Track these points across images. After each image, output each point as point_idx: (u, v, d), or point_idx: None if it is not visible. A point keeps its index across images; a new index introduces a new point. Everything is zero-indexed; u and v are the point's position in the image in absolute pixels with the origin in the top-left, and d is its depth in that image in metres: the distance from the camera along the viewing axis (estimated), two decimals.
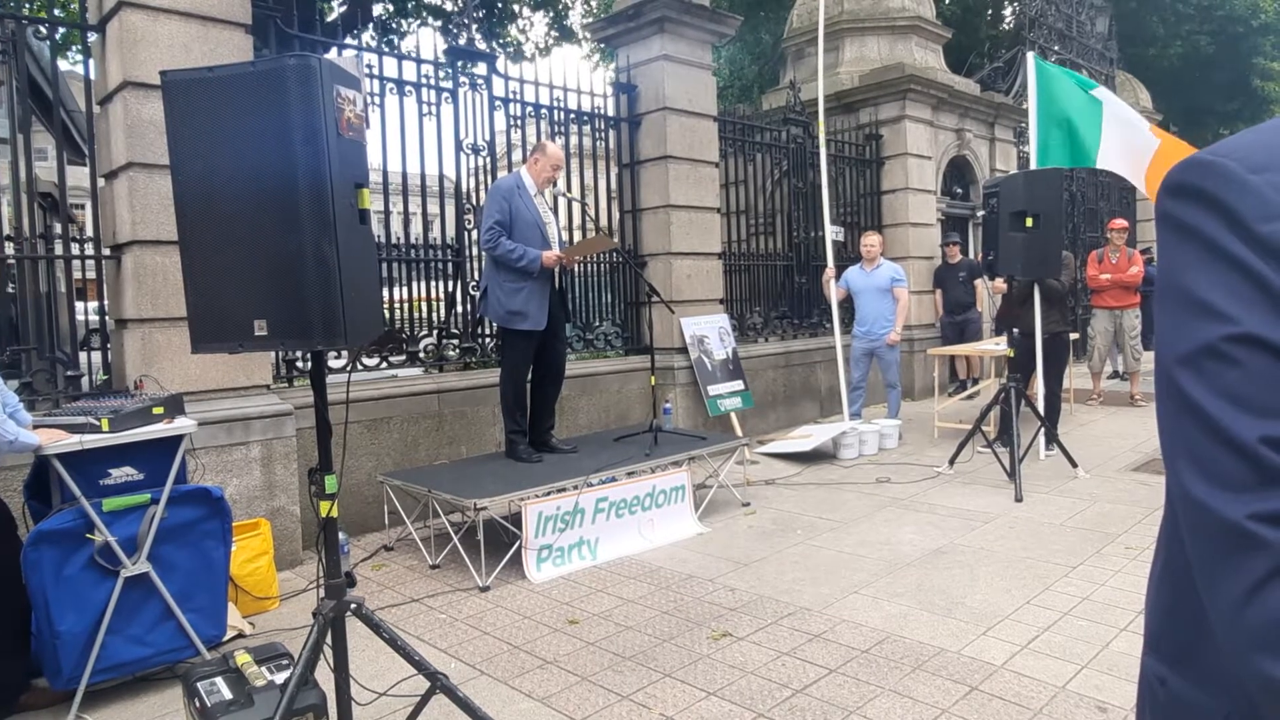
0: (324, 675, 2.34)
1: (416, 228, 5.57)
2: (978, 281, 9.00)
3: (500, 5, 12.99)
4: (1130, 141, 6.10)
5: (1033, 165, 6.19)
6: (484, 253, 4.83)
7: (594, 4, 15.46)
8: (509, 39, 13.27)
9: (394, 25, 12.80)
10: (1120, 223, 8.60)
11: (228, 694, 2.32)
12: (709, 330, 6.91)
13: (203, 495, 3.12)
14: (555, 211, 5.11)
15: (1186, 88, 18.82)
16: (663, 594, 3.84)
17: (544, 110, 6.26)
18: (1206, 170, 0.61)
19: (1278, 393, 0.56)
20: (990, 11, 19.00)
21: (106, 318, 4.35)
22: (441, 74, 5.61)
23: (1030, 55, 6.36)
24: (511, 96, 6.02)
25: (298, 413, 4.35)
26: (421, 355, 5.49)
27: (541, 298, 4.67)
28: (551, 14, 14.31)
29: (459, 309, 5.76)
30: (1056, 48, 10.81)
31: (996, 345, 7.48)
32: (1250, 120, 19.16)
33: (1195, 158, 0.63)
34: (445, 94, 5.58)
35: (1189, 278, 0.61)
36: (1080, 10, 11.96)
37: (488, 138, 5.83)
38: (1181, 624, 0.72)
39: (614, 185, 6.99)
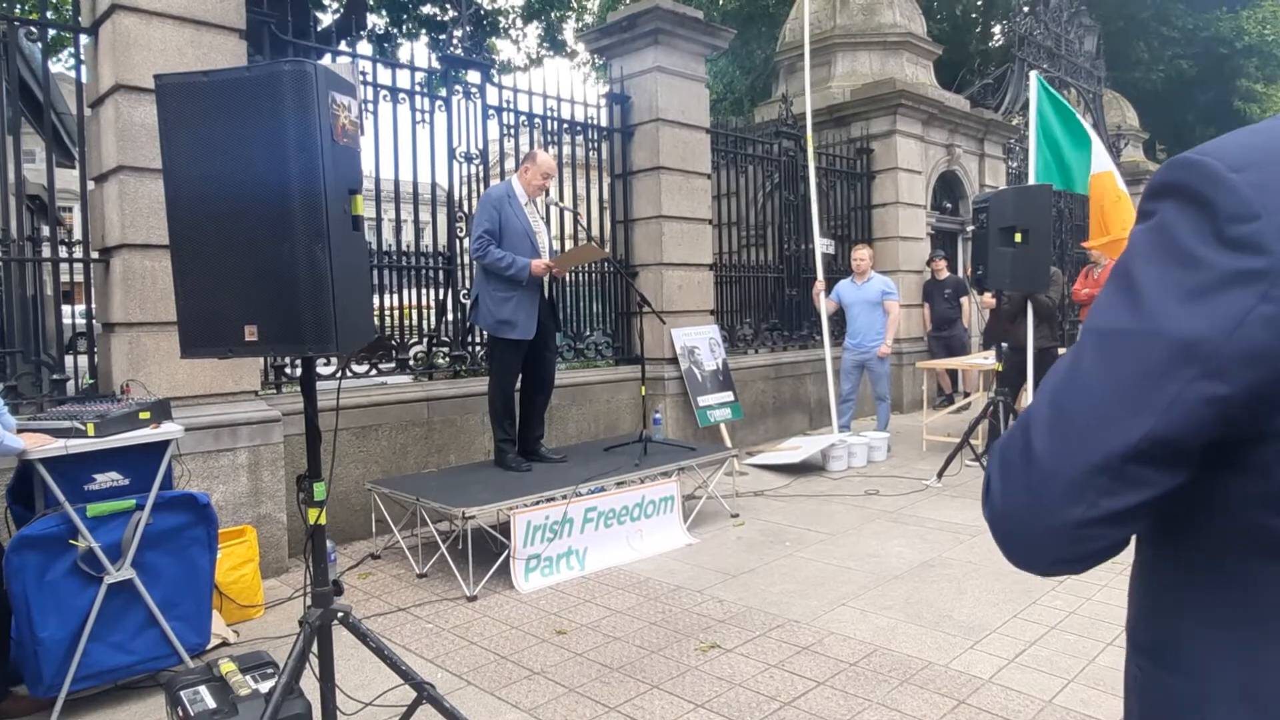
0: (309, 685, 2.32)
1: (408, 235, 5.56)
2: (963, 298, 9.06)
3: (487, 22, 13.03)
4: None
5: (1031, 181, 6.24)
6: (474, 261, 4.83)
7: (588, 17, 15.53)
8: (495, 53, 13.32)
9: (390, 34, 12.83)
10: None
11: (211, 703, 2.30)
12: (699, 341, 6.93)
13: (188, 501, 3.10)
14: (548, 221, 5.11)
15: (1172, 109, 19.07)
16: (651, 605, 3.83)
17: (537, 120, 6.27)
18: (1190, 168, 0.63)
19: (1150, 391, 0.61)
20: (980, 29, 19.22)
21: (94, 321, 4.32)
22: (436, 82, 5.62)
23: (1034, 75, 6.43)
24: (505, 105, 6.03)
25: (286, 419, 4.33)
26: (411, 363, 5.47)
27: (530, 307, 4.67)
28: (544, 25, 14.38)
29: (449, 317, 5.75)
30: (1045, 65, 10.93)
31: (985, 359, 7.53)
32: None
33: (1180, 157, 0.65)
34: (439, 102, 5.59)
35: (1141, 271, 0.64)
36: (1069, 29, 12.12)
37: (481, 146, 5.84)
38: (1158, 616, 0.74)
39: (606, 195, 7.00)
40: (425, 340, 5.63)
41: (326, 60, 5.50)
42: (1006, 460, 0.70)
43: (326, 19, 11.72)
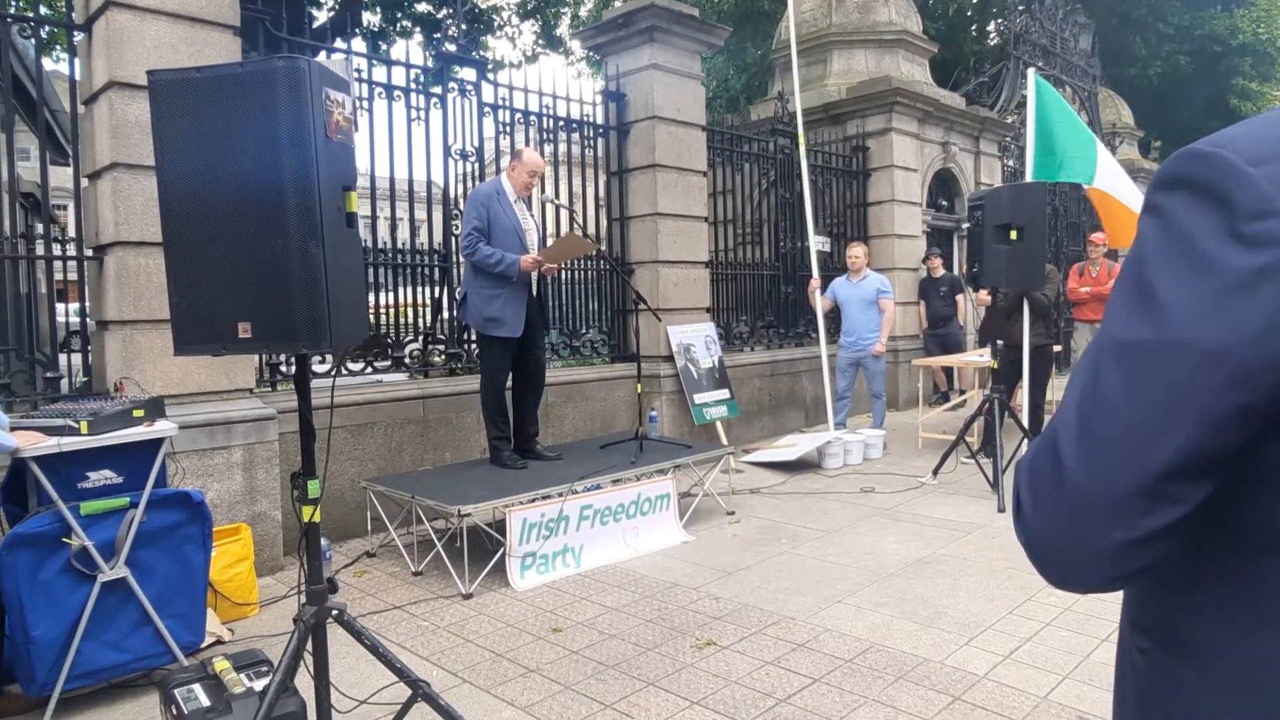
0: (304, 683, 2.31)
1: (404, 233, 5.55)
2: (959, 296, 9.07)
3: (482, 19, 13.02)
4: (1117, 177, 6.20)
5: (1029, 178, 6.24)
6: (464, 258, 4.83)
7: (583, 14, 15.52)
8: (490, 50, 13.34)
9: (385, 31, 12.80)
10: (1100, 236, 8.69)
11: (205, 701, 2.29)
12: (695, 339, 6.92)
13: (183, 499, 3.09)
14: (543, 219, 5.11)
15: (1167, 107, 19.12)
16: (647, 602, 3.83)
17: (533, 117, 6.26)
18: (1204, 160, 0.60)
19: (1179, 406, 0.59)
20: (975, 27, 19.22)
21: (87, 319, 4.31)
22: (430, 79, 5.61)
23: (1031, 72, 6.43)
24: (500, 103, 6.02)
25: (280, 417, 4.32)
26: (407, 361, 5.46)
27: (518, 304, 4.67)
28: (540, 22, 14.37)
29: (445, 314, 5.74)
30: (1040, 63, 10.95)
31: (980, 357, 7.53)
32: None
33: (1192, 148, 0.62)
34: (434, 99, 5.58)
35: (1157, 274, 0.61)
36: (1064, 27, 12.14)
37: (476, 144, 5.83)
38: (1170, 605, 0.73)
39: (602, 193, 7.00)
40: (421, 338, 5.62)
41: (321, 57, 5.49)
42: (1037, 480, 0.68)
43: (322, 16, 11.70)
